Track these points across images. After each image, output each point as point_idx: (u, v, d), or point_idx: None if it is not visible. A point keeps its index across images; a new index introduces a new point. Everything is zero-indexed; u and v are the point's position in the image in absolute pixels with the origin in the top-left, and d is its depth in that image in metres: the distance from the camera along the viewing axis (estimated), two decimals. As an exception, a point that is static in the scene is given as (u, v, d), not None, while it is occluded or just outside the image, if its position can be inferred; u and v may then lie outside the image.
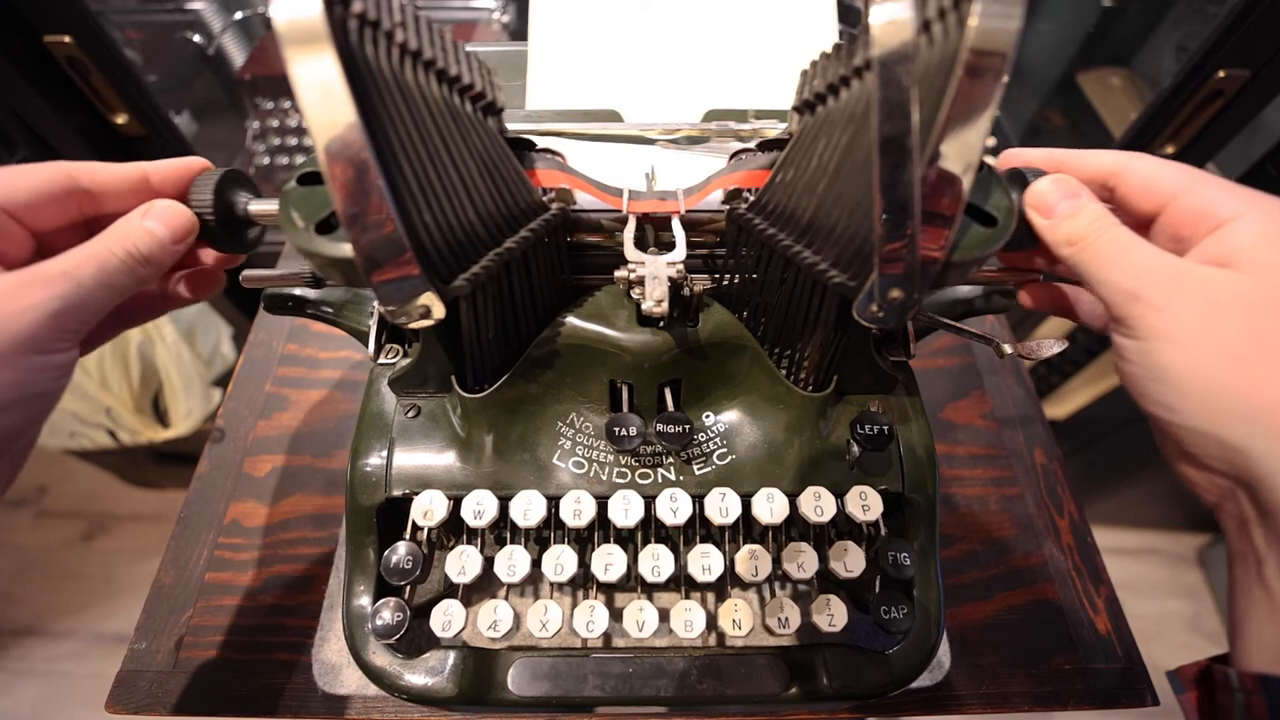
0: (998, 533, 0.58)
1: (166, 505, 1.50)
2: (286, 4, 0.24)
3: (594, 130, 0.41)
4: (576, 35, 0.43)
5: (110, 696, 0.48)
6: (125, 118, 0.92)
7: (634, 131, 0.41)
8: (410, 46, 0.30)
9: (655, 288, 0.35)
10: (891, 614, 0.42)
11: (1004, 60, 0.26)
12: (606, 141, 0.41)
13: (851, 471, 0.44)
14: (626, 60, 0.43)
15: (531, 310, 0.40)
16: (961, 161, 0.28)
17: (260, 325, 0.70)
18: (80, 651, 1.33)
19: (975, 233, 0.33)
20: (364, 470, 0.43)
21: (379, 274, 0.30)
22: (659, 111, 0.44)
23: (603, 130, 0.41)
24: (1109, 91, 1.19)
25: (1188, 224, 0.31)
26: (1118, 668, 0.51)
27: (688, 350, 0.41)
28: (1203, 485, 0.32)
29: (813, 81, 0.36)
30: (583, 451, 0.44)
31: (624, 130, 0.41)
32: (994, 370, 0.69)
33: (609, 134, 0.41)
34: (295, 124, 1.16)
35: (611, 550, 0.42)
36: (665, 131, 0.41)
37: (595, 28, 0.43)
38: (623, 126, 0.41)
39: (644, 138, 0.41)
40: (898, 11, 0.27)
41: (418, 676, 0.42)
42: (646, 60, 0.43)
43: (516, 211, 0.36)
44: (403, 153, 0.30)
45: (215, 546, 0.56)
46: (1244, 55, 0.77)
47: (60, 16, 0.80)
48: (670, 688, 0.42)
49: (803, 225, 0.35)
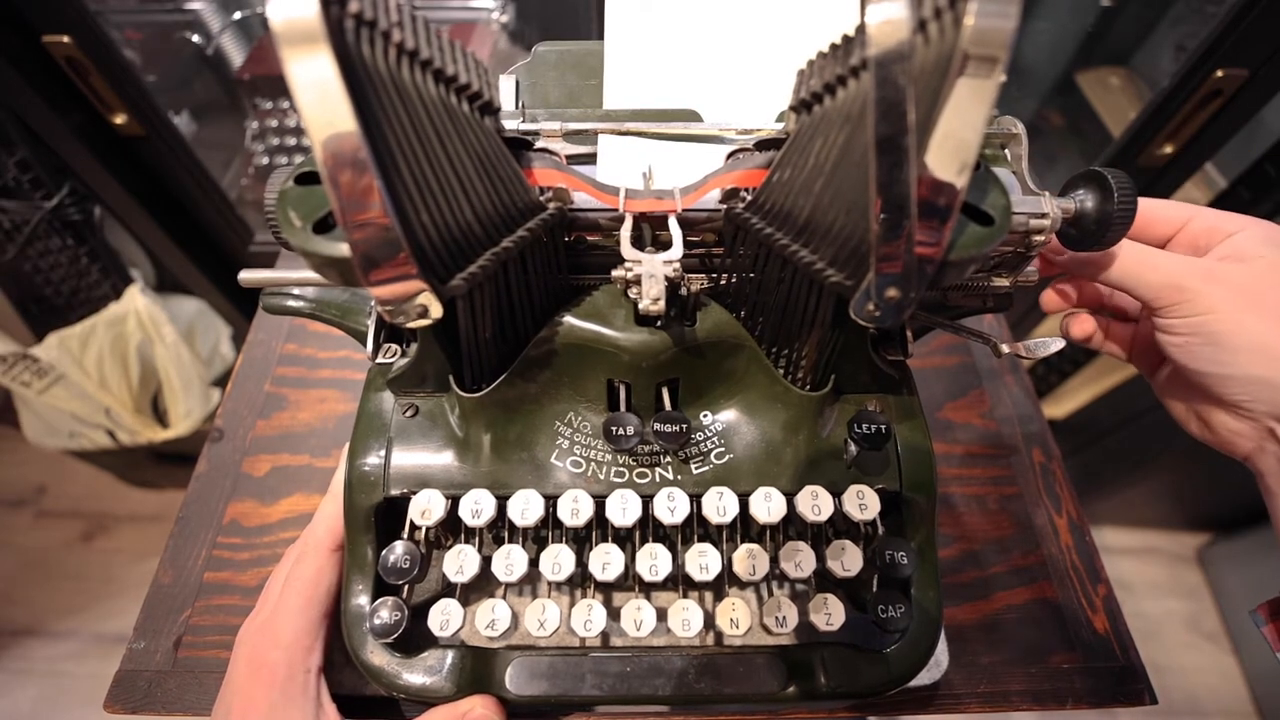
0: (996, 532, 0.58)
1: (166, 505, 1.51)
2: (283, 4, 0.24)
3: (674, 130, 0.41)
4: (652, 33, 0.43)
5: (109, 696, 0.49)
6: (124, 118, 0.92)
7: (714, 131, 0.41)
8: (407, 46, 0.30)
9: (652, 287, 0.35)
10: (889, 613, 0.42)
11: (1000, 60, 0.26)
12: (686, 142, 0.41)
13: (849, 470, 0.44)
14: (702, 59, 0.43)
15: (529, 310, 0.40)
16: (958, 161, 0.28)
17: (259, 325, 0.70)
18: (80, 651, 1.33)
19: (972, 232, 0.33)
20: (362, 470, 0.43)
21: (376, 273, 0.30)
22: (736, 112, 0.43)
23: (683, 130, 0.41)
24: (1108, 91, 1.19)
25: (1203, 235, 0.41)
26: (1116, 667, 0.51)
27: (685, 349, 0.41)
28: (1242, 435, 0.41)
29: (809, 81, 0.36)
30: (580, 451, 0.44)
31: (704, 130, 0.41)
32: (993, 370, 0.69)
33: (689, 134, 0.41)
34: (294, 124, 1.16)
35: (609, 549, 0.42)
36: (743, 132, 0.40)
37: (670, 26, 0.43)
38: (702, 127, 0.41)
39: (723, 138, 0.41)
40: (894, 11, 0.27)
41: (415, 675, 0.43)
42: (722, 59, 0.43)
43: (514, 211, 0.36)
44: (400, 152, 0.30)
45: (214, 546, 0.56)
46: (1243, 55, 0.77)
47: (59, 16, 0.80)
48: (668, 687, 0.42)
49: (800, 224, 0.35)
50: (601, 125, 0.41)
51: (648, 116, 0.43)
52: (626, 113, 0.43)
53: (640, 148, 0.41)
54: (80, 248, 1.05)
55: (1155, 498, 1.41)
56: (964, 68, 0.26)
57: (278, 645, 0.42)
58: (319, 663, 0.43)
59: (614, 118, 0.43)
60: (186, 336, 1.21)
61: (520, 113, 0.42)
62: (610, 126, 0.41)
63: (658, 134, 0.41)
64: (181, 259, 1.14)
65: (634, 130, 0.41)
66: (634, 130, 0.41)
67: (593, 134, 0.41)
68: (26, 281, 1.06)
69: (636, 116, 0.43)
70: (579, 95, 0.45)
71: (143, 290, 1.13)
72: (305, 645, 0.42)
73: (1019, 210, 0.38)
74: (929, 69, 0.28)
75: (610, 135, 0.41)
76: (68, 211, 0.99)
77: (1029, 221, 0.38)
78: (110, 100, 0.90)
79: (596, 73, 0.44)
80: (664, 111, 0.43)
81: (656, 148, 0.41)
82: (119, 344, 1.15)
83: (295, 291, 0.47)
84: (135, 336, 1.14)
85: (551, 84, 0.45)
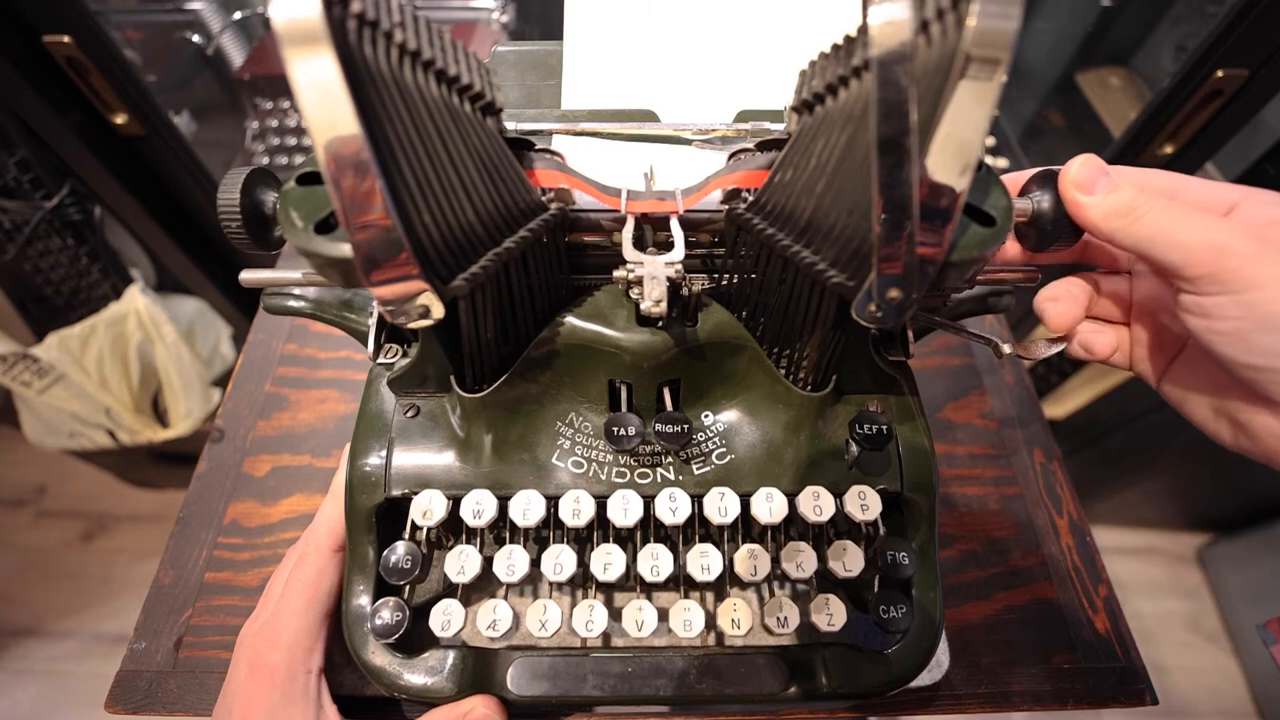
0: (997, 532, 0.58)
1: (166, 505, 1.50)
2: (285, 4, 0.24)
3: (630, 130, 0.41)
4: (611, 34, 0.43)
5: (110, 696, 0.49)
6: (124, 118, 0.92)
7: (669, 131, 0.41)
8: (409, 46, 0.30)
9: (654, 288, 0.35)
10: (890, 613, 0.42)
11: (1002, 60, 0.26)
12: (642, 141, 0.41)
13: (850, 471, 0.44)
14: (660, 59, 0.43)
15: (530, 310, 0.40)
16: (960, 162, 0.28)
17: (259, 325, 0.70)
18: (80, 651, 1.33)
19: (974, 233, 0.33)
20: (363, 470, 0.43)
21: (378, 274, 0.30)
22: (693, 111, 0.43)
23: (639, 130, 0.41)
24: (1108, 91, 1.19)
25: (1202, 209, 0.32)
26: (1117, 667, 0.51)
27: (686, 350, 0.41)
28: None
29: (811, 82, 0.36)
30: (582, 451, 0.44)
31: (659, 130, 0.41)
32: (993, 370, 0.69)
33: (645, 134, 0.41)
34: (294, 124, 1.16)
35: (610, 550, 0.42)
36: (700, 132, 0.40)
37: (629, 26, 0.43)
38: (658, 126, 0.41)
39: (679, 138, 0.41)
40: (896, 12, 0.27)
41: (417, 676, 0.43)
42: (680, 59, 0.43)
43: (515, 211, 0.36)
44: (402, 153, 0.30)
45: (214, 546, 0.56)
46: (1243, 55, 0.77)
47: (59, 16, 0.80)
48: (669, 687, 0.42)
49: (801, 225, 0.35)
50: (557, 126, 0.41)
51: (605, 117, 0.43)
52: (583, 113, 0.43)
53: (596, 148, 0.41)
54: (80, 248, 1.05)
55: (1155, 498, 1.41)
56: (966, 69, 0.26)
57: (278, 646, 0.42)
58: (320, 663, 0.43)
59: (570, 118, 0.43)
60: (186, 336, 1.21)
61: None
62: (565, 127, 0.41)
63: (613, 134, 0.41)
64: (181, 259, 1.14)
65: (589, 130, 0.41)
66: (589, 130, 0.41)
67: (548, 134, 0.42)
68: (26, 281, 1.06)
69: (593, 117, 0.43)
70: (538, 95, 0.45)
71: (143, 290, 1.13)
72: (306, 646, 0.42)
73: None
74: (931, 70, 0.28)
75: (565, 135, 0.41)
76: (68, 211, 0.99)
77: None
78: (110, 100, 0.90)
79: (556, 73, 0.44)
80: (621, 112, 0.43)
81: (616, 148, 0.41)
82: (119, 344, 1.15)
83: (296, 291, 0.47)
84: (135, 336, 1.14)
85: (511, 84, 0.45)
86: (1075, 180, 0.35)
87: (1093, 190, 0.34)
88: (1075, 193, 0.35)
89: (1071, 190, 0.35)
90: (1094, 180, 0.34)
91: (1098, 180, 0.34)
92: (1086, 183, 0.34)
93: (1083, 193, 0.34)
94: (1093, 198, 0.34)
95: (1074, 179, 0.35)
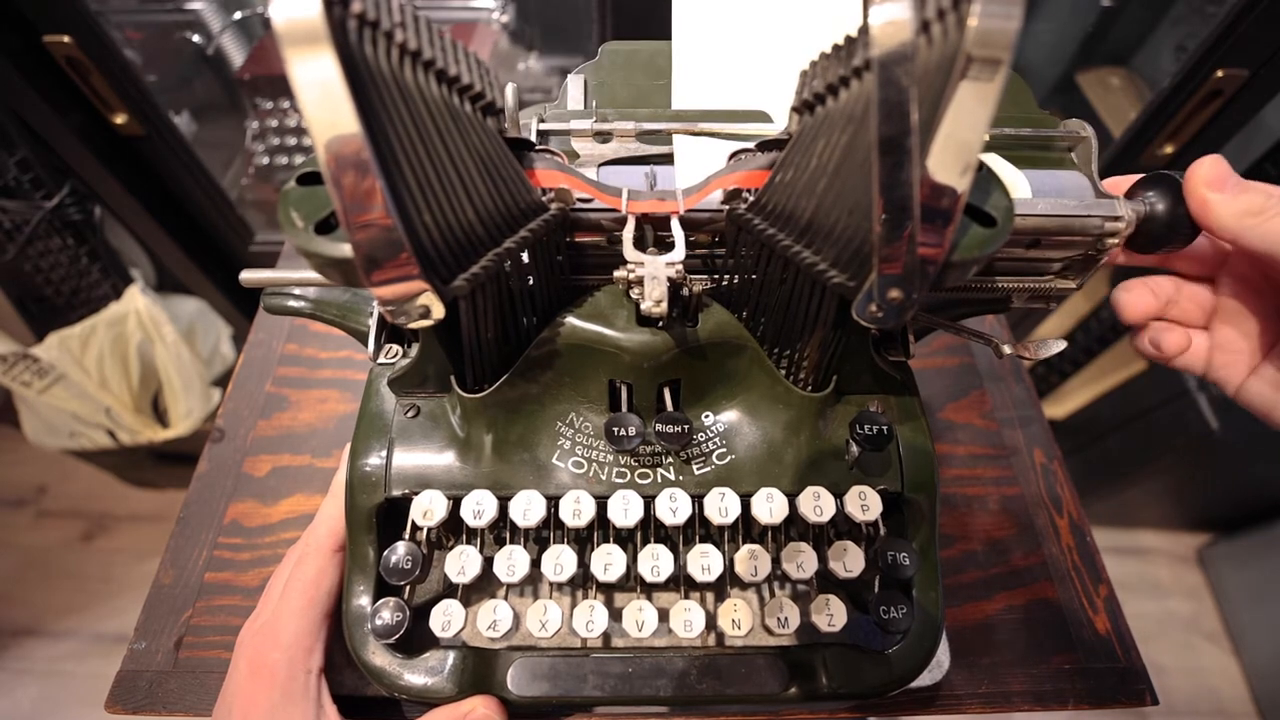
0: (997, 532, 0.58)
1: (166, 505, 1.51)
2: (285, 4, 0.24)
3: (746, 131, 0.41)
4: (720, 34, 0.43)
5: (110, 696, 0.49)
6: (124, 118, 0.92)
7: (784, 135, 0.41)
8: (410, 46, 0.30)
9: (654, 288, 0.35)
10: (891, 614, 0.42)
11: (1004, 61, 0.26)
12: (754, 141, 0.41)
13: (851, 471, 0.44)
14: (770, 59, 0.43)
15: (531, 310, 0.40)
16: (960, 162, 0.28)
17: (260, 325, 0.70)
18: (80, 651, 1.33)
19: (975, 233, 0.33)
20: (363, 470, 0.43)
21: (378, 274, 0.30)
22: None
23: (755, 131, 0.41)
24: (1108, 91, 1.19)
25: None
26: (1117, 667, 0.51)
27: (687, 350, 0.41)
28: None
29: (812, 82, 0.36)
30: (582, 451, 0.44)
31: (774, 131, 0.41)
32: (993, 370, 0.69)
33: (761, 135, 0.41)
34: (295, 124, 1.16)
35: (611, 550, 0.42)
36: None
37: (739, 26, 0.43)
38: (773, 127, 0.41)
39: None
40: (897, 12, 0.27)
41: (417, 676, 0.43)
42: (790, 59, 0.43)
43: (516, 211, 0.36)
44: (402, 153, 0.30)
45: (215, 546, 0.56)
46: (1243, 55, 0.77)
47: (60, 16, 0.80)
48: (670, 688, 0.42)
49: (802, 225, 0.35)
50: (675, 125, 0.41)
51: (719, 117, 0.43)
52: (698, 113, 0.43)
53: (714, 148, 0.41)
54: (80, 248, 1.05)
55: (1155, 498, 1.41)
56: (967, 69, 0.26)
57: (278, 646, 0.42)
58: (320, 664, 0.43)
59: (685, 118, 0.43)
60: (187, 336, 1.21)
61: (592, 112, 0.43)
62: (683, 127, 0.41)
63: (731, 134, 0.41)
64: (181, 259, 1.14)
65: (707, 130, 0.41)
66: (707, 130, 0.41)
67: (667, 134, 0.42)
68: (27, 281, 1.06)
69: (708, 117, 0.43)
70: (648, 95, 0.45)
71: (143, 290, 1.13)
72: (306, 646, 0.42)
73: (1092, 214, 0.38)
74: (932, 70, 0.28)
75: (685, 136, 0.41)
76: (68, 211, 0.99)
77: (1103, 224, 0.38)
78: (110, 100, 0.90)
79: (665, 73, 0.44)
80: (735, 112, 0.43)
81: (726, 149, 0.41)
82: (119, 344, 1.15)
83: (296, 291, 0.47)
84: (135, 336, 1.14)
85: (620, 83, 0.45)
86: (1208, 179, 0.35)
87: (1224, 189, 0.35)
88: (1207, 191, 0.35)
89: (1203, 189, 0.35)
90: (1225, 180, 0.35)
91: (1228, 180, 0.35)
92: (1218, 181, 0.35)
93: (1215, 191, 0.35)
94: (1224, 195, 0.35)
95: (1206, 177, 0.35)
